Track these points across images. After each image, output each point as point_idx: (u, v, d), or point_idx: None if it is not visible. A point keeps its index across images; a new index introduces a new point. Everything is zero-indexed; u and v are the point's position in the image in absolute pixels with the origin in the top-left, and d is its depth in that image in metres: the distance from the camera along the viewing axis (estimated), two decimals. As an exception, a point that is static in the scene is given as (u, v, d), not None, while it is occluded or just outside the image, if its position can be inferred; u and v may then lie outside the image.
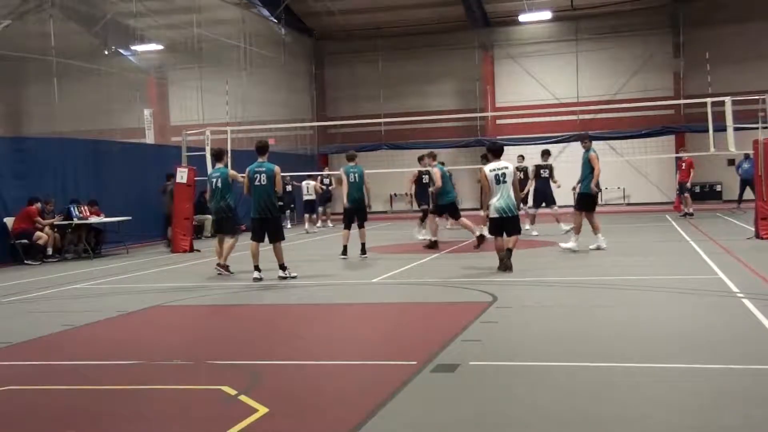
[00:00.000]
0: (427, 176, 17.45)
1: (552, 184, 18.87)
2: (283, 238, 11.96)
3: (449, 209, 15.89)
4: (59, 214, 16.75)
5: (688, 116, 29.12)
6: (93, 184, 18.52)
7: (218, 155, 13.20)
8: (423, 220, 18.03)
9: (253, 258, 11.77)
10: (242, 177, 12.17)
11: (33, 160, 17.05)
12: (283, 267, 11.76)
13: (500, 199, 11.39)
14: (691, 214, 22.39)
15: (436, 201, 16.02)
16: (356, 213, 14.44)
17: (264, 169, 11.58)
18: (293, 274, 11.74)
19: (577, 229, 13.94)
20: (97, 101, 21.74)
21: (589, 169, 13.81)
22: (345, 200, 14.44)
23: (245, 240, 13.29)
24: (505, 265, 11.48)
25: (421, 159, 17.58)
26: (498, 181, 11.40)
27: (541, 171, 18.66)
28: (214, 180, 12.71)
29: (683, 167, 23.15)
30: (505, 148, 27.46)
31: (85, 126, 20.83)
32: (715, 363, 5.87)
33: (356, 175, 14.41)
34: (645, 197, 30.54)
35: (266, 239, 11.78)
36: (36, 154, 17.16)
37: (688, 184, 23.28)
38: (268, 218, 11.68)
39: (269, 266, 12.06)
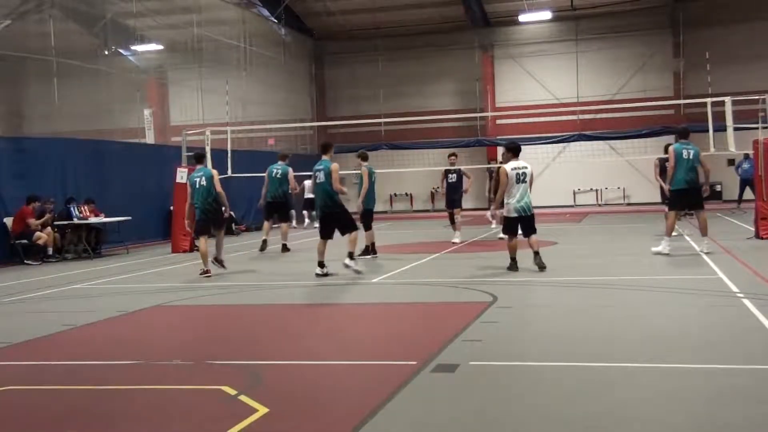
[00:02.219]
0: (454, 175, 16.96)
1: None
2: (356, 229, 11.85)
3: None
4: (55, 214, 16.68)
5: (688, 116, 29.06)
6: (93, 184, 18.52)
7: (199, 158, 13.47)
8: (453, 221, 17.25)
9: (318, 254, 11.77)
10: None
11: (33, 160, 17.04)
12: (351, 256, 11.66)
13: (520, 199, 11.39)
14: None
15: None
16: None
17: (322, 167, 11.66)
18: (358, 268, 11.65)
19: (669, 231, 13.03)
20: (97, 101, 21.73)
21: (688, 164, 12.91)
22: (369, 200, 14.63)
23: (238, 241, 13.25)
24: (538, 260, 11.42)
25: (449, 156, 17.26)
26: (518, 180, 11.39)
27: (666, 164, 18.11)
28: (198, 179, 12.69)
29: None
30: (503, 148, 27.47)
31: (85, 126, 20.82)
32: (715, 363, 5.87)
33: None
34: (645, 197, 30.53)
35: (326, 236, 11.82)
36: (36, 154, 17.15)
37: None
38: (333, 213, 11.64)
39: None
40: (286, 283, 11.55)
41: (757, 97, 16.56)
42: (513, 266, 11.57)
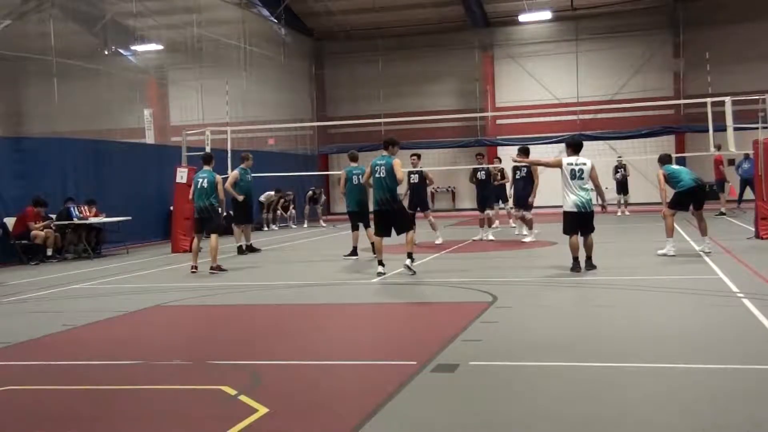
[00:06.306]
0: (416, 176, 16.66)
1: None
2: (411, 229, 11.79)
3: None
4: (53, 215, 16.66)
5: (688, 116, 29.12)
6: (93, 184, 18.52)
7: (207, 159, 13.78)
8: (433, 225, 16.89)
9: (377, 252, 11.76)
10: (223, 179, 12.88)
11: (33, 160, 17.04)
12: (410, 256, 11.54)
13: (577, 194, 10.98)
14: (724, 214, 21.98)
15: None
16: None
17: (383, 162, 11.51)
18: (414, 269, 11.47)
19: (670, 231, 12.87)
20: (97, 101, 21.72)
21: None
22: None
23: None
24: (590, 265, 11.15)
25: (411, 156, 16.82)
26: (574, 176, 11.02)
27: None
28: (200, 180, 13.24)
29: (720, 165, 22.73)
30: (504, 148, 27.38)
31: (85, 126, 20.80)
32: (715, 363, 5.87)
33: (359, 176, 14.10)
34: (645, 197, 30.53)
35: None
36: (36, 154, 17.15)
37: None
38: (389, 210, 11.50)
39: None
40: (286, 283, 11.54)
41: (757, 97, 16.56)
42: (575, 266, 11.12)
